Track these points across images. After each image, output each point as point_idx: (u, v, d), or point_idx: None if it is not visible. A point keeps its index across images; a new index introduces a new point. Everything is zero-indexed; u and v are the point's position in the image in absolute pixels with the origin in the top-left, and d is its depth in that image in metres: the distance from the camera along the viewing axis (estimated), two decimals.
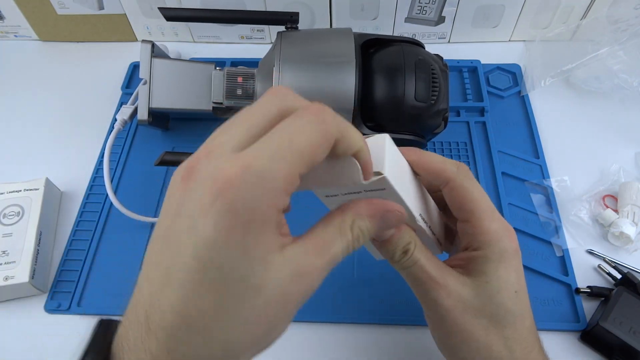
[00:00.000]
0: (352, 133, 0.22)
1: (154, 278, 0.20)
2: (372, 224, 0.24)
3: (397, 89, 0.42)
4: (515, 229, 0.45)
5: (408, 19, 0.60)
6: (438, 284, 0.28)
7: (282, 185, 0.19)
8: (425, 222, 0.30)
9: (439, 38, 0.62)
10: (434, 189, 0.31)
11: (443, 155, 0.51)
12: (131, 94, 0.55)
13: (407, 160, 0.28)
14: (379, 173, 0.24)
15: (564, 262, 0.44)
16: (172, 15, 0.48)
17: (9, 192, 0.47)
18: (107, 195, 0.47)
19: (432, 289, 0.29)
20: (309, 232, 0.23)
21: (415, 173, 0.29)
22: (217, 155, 0.20)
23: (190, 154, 0.21)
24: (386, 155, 0.25)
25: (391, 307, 0.42)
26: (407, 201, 0.27)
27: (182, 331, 0.19)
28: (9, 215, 0.45)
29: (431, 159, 0.29)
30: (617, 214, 0.45)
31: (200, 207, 0.19)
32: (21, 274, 0.42)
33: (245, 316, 0.20)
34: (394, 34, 0.62)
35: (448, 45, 0.63)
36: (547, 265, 0.44)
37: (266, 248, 0.20)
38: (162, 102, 0.48)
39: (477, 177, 0.47)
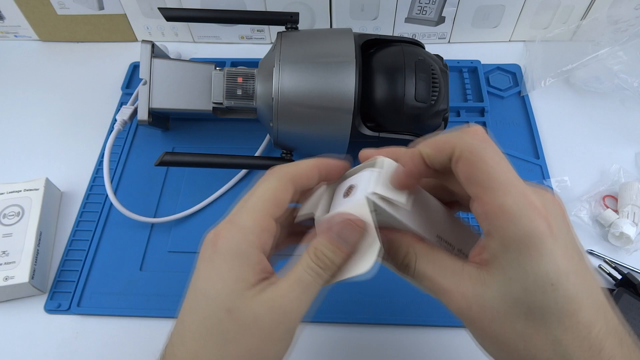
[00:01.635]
0: (304, 172, 0.27)
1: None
2: (327, 241, 0.26)
3: (397, 89, 0.42)
4: None
5: (408, 19, 0.60)
6: (452, 295, 0.24)
7: (257, 229, 0.25)
8: (445, 242, 0.27)
9: (439, 38, 0.62)
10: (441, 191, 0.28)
11: None
12: (131, 94, 0.55)
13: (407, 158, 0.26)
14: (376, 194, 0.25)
15: None
16: (172, 15, 0.48)
17: (9, 192, 0.47)
18: (107, 195, 0.47)
19: (449, 302, 0.25)
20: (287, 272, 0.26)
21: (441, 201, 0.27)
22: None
23: (190, 154, 0.21)
24: (380, 177, 0.25)
25: (392, 307, 0.42)
26: (408, 223, 0.26)
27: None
28: (9, 216, 0.45)
29: (432, 140, 0.24)
30: (617, 214, 0.45)
31: (201, 255, 0.25)
32: (21, 274, 0.42)
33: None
34: (394, 34, 0.62)
35: (448, 46, 0.63)
36: None
37: (245, 284, 0.24)
38: (162, 102, 0.48)
39: None
